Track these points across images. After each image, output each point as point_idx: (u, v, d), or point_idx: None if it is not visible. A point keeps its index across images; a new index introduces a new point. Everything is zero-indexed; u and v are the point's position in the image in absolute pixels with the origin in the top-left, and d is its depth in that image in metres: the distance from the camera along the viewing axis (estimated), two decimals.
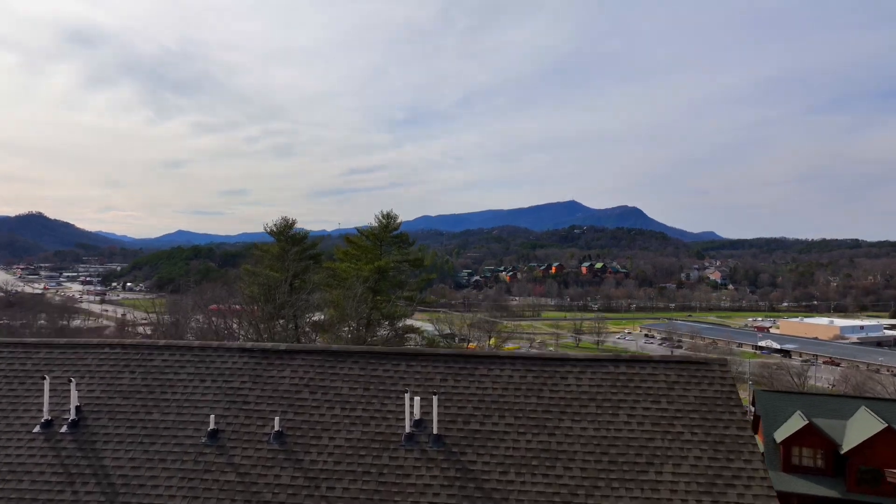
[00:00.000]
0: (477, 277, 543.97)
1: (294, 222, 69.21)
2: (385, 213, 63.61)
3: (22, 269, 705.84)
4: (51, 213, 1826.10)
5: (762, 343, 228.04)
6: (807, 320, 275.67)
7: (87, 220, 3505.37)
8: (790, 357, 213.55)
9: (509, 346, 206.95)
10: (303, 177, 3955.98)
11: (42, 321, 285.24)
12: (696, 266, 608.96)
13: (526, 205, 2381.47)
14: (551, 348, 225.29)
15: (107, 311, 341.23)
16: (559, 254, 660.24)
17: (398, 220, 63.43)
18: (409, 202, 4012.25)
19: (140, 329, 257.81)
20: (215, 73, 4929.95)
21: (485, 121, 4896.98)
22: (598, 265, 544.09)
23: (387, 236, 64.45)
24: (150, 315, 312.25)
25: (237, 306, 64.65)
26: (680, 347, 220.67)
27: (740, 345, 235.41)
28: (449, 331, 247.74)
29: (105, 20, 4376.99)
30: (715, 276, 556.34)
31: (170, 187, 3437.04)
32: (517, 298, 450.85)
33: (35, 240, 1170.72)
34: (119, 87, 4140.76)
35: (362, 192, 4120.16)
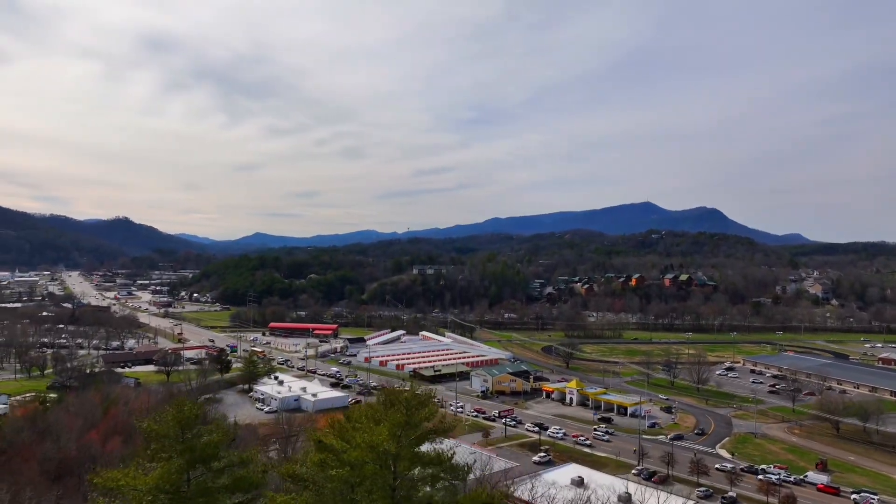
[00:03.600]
0: (550, 289, 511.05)
1: (195, 407, 37.95)
2: (412, 390, 32.97)
3: (100, 275, 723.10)
4: (136, 217, 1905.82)
5: None
6: None
7: (170, 222, 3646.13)
8: None
9: (593, 392, 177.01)
10: (372, 178, 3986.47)
11: (96, 340, 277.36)
12: (792, 277, 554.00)
13: (599, 206, 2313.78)
14: (643, 388, 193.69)
15: (167, 327, 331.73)
16: (637, 262, 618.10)
17: (434, 402, 32.12)
18: (479, 203, 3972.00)
19: (188, 354, 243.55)
20: (284, 77, 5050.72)
21: (553, 119, 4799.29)
22: (683, 277, 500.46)
23: (409, 437, 32.33)
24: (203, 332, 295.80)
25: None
26: (798, 391, 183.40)
27: (873, 389, 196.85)
28: (523, 366, 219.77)
29: (178, 26, 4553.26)
30: (815, 289, 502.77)
31: (245, 190, 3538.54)
32: (594, 315, 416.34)
33: (120, 244, 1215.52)
34: (194, 93, 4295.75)
35: (432, 193, 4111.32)
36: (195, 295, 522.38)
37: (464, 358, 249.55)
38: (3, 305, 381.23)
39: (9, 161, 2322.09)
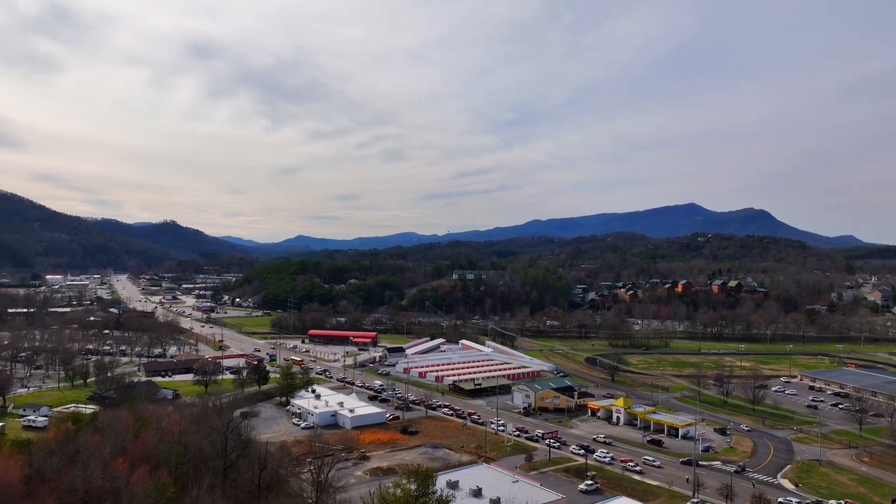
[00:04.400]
0: (593, 295, 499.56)
1: None
2: (419, 468, 29.29)
3: (147, 279, 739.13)
4: (183, 220, 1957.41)
5: None
6: None
7: (216, 224, 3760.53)
8: None
9: (641, 411, 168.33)
10: (412, 181, 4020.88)
11: (139, 348, 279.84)
12: (849, 282, 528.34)
13: (642, 208, 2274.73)
14: (694, 405, 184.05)
15: (208, 334, 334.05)
16: (683, 267, 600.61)
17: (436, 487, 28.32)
18: (519, 205, 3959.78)
19: (228, 363, 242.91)
20: (325, 80, 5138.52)
21: (594, 119, 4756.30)
22: (733, 283, 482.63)
23: None
24: (245, 342, 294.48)
25: None
26: (864, 412, 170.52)
27: None
28: (567, 381, 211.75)
29: (221, 33, 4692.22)
30: (874, 295, 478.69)
31: (287, 193, 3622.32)
32: (639, 322, 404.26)
33: (168, 247, 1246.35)
34: (237, 98, 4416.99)
35: (472, 195, 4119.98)
36: (237, 300, 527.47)
37: (505, 370, 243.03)
38: (53, 310, 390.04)
39: (64, 166, 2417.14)
